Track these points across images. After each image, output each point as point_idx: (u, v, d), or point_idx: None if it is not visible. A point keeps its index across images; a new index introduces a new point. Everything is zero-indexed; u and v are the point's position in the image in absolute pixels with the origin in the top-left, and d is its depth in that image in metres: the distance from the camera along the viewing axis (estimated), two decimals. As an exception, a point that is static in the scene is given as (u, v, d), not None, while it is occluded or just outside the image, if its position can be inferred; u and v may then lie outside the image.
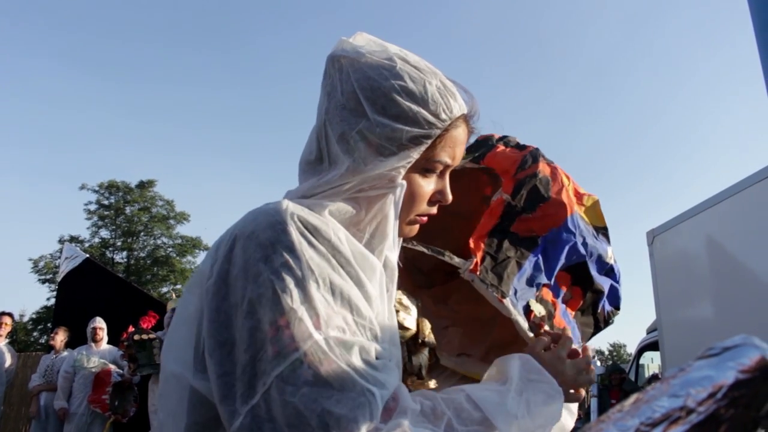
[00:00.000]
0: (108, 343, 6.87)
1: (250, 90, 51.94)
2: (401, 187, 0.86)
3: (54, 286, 24.43)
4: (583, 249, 1.21)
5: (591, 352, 1.03)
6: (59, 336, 7.07)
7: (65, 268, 8.61)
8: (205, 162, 49.18)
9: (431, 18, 59.12)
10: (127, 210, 30.35)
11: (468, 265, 1.11)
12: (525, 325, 1.09)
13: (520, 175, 1.22)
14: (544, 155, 1.28)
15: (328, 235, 0.78)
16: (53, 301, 17.40)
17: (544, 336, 1.05)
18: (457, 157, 0.93)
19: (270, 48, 53.06)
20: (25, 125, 43.52)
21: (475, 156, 1.28)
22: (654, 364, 9.29)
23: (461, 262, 1.13)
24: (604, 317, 1.29)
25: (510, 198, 1.20)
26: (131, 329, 6.00)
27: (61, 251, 13.18)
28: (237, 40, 51.47)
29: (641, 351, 8.64)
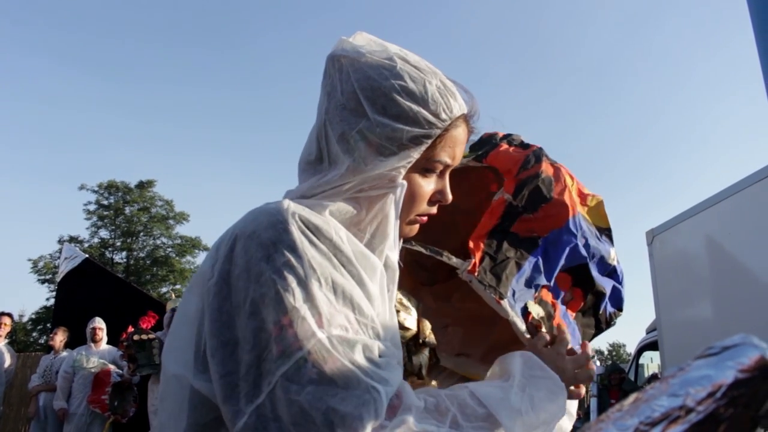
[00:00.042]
0: (107, 343, 6.87)
1: (249, 90, 52.02)
2: (402, 186, 0.86)
3: (53, 287, 24.41)
4: (584, 251, 1.20)
5: (590, 350, 1.03)
6: (58, 336, 7.06)
7: (65, 269, 8.61)
8: (204, 162, 49.27)
9: (431, 18, 59.18)
10: (127, 210, 30.34)
11: (466, 265, 1.10)
12: (522, 327, 1.09)
13: (523, 175, 1.21)
14: (548, 155, 1.26)
15: (330, 234, 0.78)
16: (53, 301, 17.38)
17: (543, 334, 1.05)
18: (457, 156, 0.93)
19: (270, 48, 53.11)
20: (25, 125, 43.58)
21: (478, 154, 1.27)
22: (653, 363, 9.29)
23: (459, 262, 1.13)
24: (605, 318, 1.28)
25: (511, 198, 1.19)
26: (131, 329, 5.99)
27: (60, 251, 13.19)
28: (237, 39, 51.52)
29: (641, 351, 8.64)
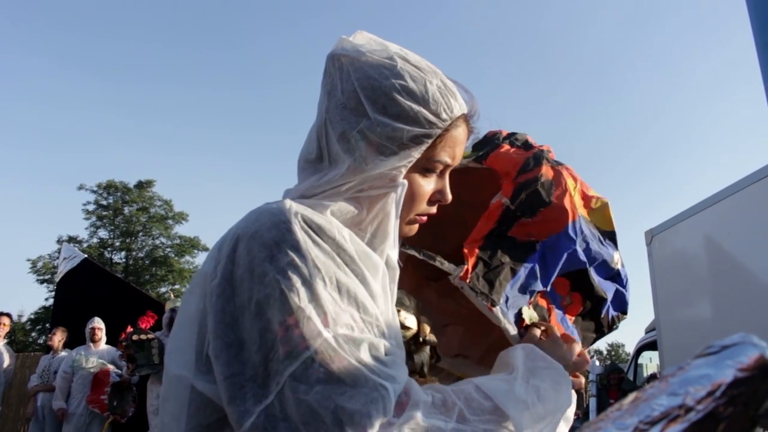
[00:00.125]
0: (106, 343, 6.87)
1: (249, 90, 52.00)
2: (402, 186, 0.86)
3: (52, 287, 24.39)
4: (584, 256, 1.18)
5: (580, 345, 1.04)
6: (57, 336, 7.06)
7: (63, 269, 8.60)
8: (203, 162, 49.24)
9: (430, 18, 59.17)
10: (126, 210, 30.31)
11: (458, 272, 1.09)
12: (513, 332, 1.08)
13: (521, 179, 1.19)
14: (549, 158, 1.24)
15: (333, 233, 0.78)
16: (52, 301, 17.37)
17: (535, 331, 1.06)
18: (457, 156, 0.93)
19: (269, 47, 53.09)
20: (24, 125, 43.54)
21: (479, 155, 1.26)
22: (652, 363, 9.28)
23: (452, 268, 1.12)
24: (608, 322, 1.27)
25: (509, 202, 1.18)
26: (130, 329, 6.00)
27: (59, 251, 13.18)
28: (236, 39, 51.48)
29: (640, 350, 8.65)
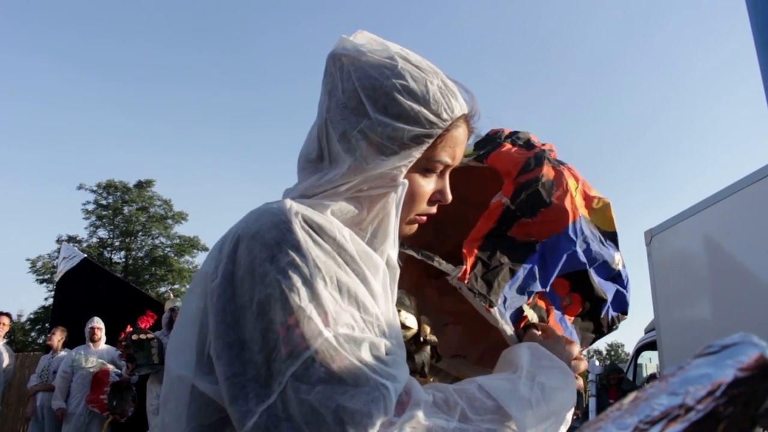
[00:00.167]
0: (106, 343, 6.87)
1: (248, 90, 51.98)
2: (403, 186, 0.86)
3: (52, 286, 24.41)
4: (584, 257, 1.18)
5: (585, 352, 1.04)
6: (56, 336, 7.06)
7: (63, 268, 8.61)
8: (203, 162, 49.22)
9: (429, 18, 59.19)
10: (125, 210, 30.31)
11: (456, 272, 1.09)
12: (510, 332, 1.08)
13: (522, 179, 1.18)
14: (551, 158, 1.24)
15: (333, 233, 0.78)
16: (51, 301, 17.37)
17: (535, 332, 1.06)
18: (458, 156, 0.93)
19: (268, 47, 53.09)
20: (24, 125, 43.53)
21: (479, 154, 1.26)
22: (652, 363, 9.28)
23: (450, 268, 1.11)
24: (607, 322, 1.27)
25: (509, 202, 1.18)
26: (129, 329, 6.00)
27: (58, 251, 13.17)
28: (236, 39, 51.51)
29: (639, 350, 8.65)
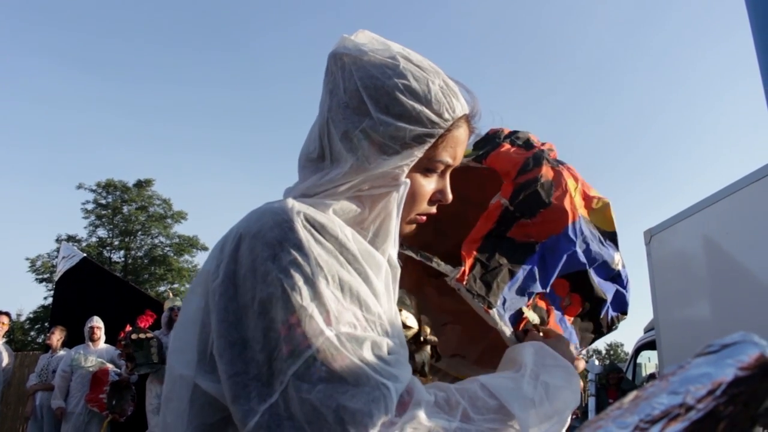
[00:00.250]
0: (105, 342, 6.87)
1: (248, 89, 51.95)
2: (405, 185, 0.86)
3: (51, 286, 24.41)
4: (584, 257, 1.17)
5: (585, 351, 1.04)
6: (56, 335, 7.05)
7: (62, 268, 8.60)
8: (202, 161, 49.23)
9: (428, 18, 59.14)
10: (125, 209, 30.30)
11: (455, 273, 1.09)
12: (509, 333, 1.08)
13: (521, 179, 1.18)
14: (549, 158, 1.23)
15: (335, 232, 0.78)
16: (50, 300, 17.37)
17: (535, 333, 1.06)
18: (458, 156, 0.93)
19: (268, 47, 53.06)
20: (23, 125, 43.50)
21: (479, 154, 1.26)
22: (651, 363, 9.28)
23: (449, 269, 1.11)
24: (607, 322, 1.26)
25: (508, 202, 1.17)
26: (129, 328, 6.00)
27: (58, 250, 13.16)
28: (235, 39, 51.47)
29: (638, 350, 8.64)
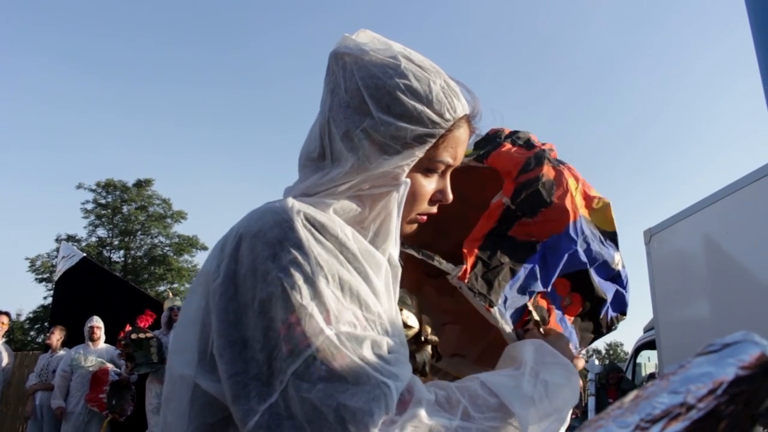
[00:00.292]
0: (105, 342, 6.87)
1: (247, 89, 51.95)
2: (405, 184, 0.86)
3: (51, 285, 24.38)
4: (584, 256, 1.18)
5: (585, 351, 1.04)
6: (55, 335, 7.05)
7: (62, 267, 8.60)
8: (202, 161, 49.21)
9: (428, 18, 59.14)
10: (124, 209, 30.30)
11: (457, 271, 1.09)
12: (509, 331, 1.08)
13: (522, 179, 1.18)
14: (551, 157, 1.23)
15: (335, 231, 0.78)
16: (50, 300, 17.35)
17: (536, 331, 1.06)
18: (459, 156, 0.93)
19: (268, 47, 53.05)
20: (23, 124, 43.49)
21: (479, 154, 1.26)
22: (651, 363, 9.29)
23: (450, 267, 1.11)
24: (607, 323, 1.27)
25: (509, 201, 1.18)
26: (128, 328, 6.01)
27: (58, 250, 13.16)
28: (235, 38, 51.46)
29: (638, 350, 8.65)
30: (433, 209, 0.95)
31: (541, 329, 1.06)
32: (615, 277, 1.28)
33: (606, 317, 1.26)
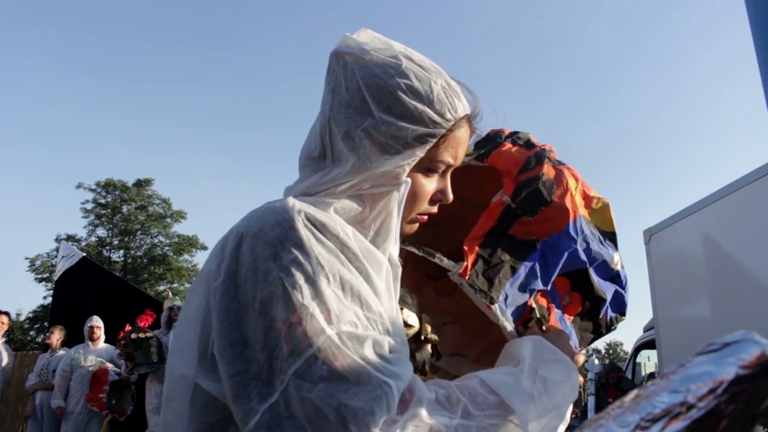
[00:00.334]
0: (105, 341, 6.87)
1: (247, 88, 51.91)
2: (406, 184, 0.86)
3: (51, 285, 24.38)
4: (584, 255, 1.18)
5: (584, 351, 1.05)
6: (55, 335, 7.05)
7: (62, 267, 8.60)
8: (201, 161, 49.20)
9: (427, 17, 59.12)
10: (124, 209, 30.29)
11: (458, 268, 1.09)
12: (510, 329, 1.08)
13: (522, 177, 1.19)
14: (551, 157, 1.24)
15: (336, 231, 0.78)
16: (50, 299, 17.36)
17: (536, 329, 1.06)
18: (459, 156, 0.93)
19: (268, 46, 53.03)
20: (22, 124, 43.47)
21: (480, 153, 1.26)
22: (651, 362, 9.29)
23: (451, 264, 1.11)
24: (606, 323, 1.27)
25: (510, 200, 1.18)
26: (128, 328, 6.00)
27: (57, 250, 13.16)
28: (235, 38, 51.43)
29: (638, 349, 8.65)
30: (434, 209, 0.95)
31: (543, 327, 1.06)
32: (614, 277, 1.28)
33: (605, 317, 1.26)
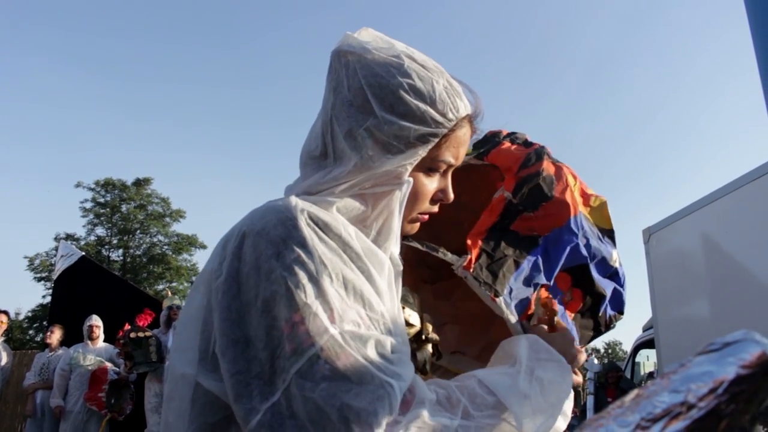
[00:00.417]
0: (104, 341, 6.86)
1: (247, 87, 51.91)
2: (408, 183, 0.86)
3: (50, 284, 24.35)
4: (585, 251, 1.19)
5: (584, 352, 1.05)
6: (55, 334, 7.05)
7: (61, 266, 8.59)
8: (201, 160, 49.11)
9: (427, 16, 59.10)
10: (123, 208, 30.27)
11: (462, 261, 1.09)
12: (514, 321, 1.08)
13: (523, 173, 1.20)
14: (550, 154, 1.25)
15: (339, 230, 0.78)
16: (49, 299, 17.34)
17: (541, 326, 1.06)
18: (460, 156, 0.93)
19: (268, 45, 53.00)
20: (22, 123, 43.44)
21: (480, 152, 1.27)
22: (650, 361, 9.30)
23: (455, 258, 1.12)
24: (605, 321, 1.27)
25: (511, 196, 1.18)
26: (127, 327, 6.00)
27: (56, 249, 13.15)
28: (234, 37, 51.40)
29: (637, 349, 8.66)
30: (435, 208, 0.95)
31: (554, 321, 1.06)
32: (613, 274, 1.29)
33: (605, 315, 1.27)
